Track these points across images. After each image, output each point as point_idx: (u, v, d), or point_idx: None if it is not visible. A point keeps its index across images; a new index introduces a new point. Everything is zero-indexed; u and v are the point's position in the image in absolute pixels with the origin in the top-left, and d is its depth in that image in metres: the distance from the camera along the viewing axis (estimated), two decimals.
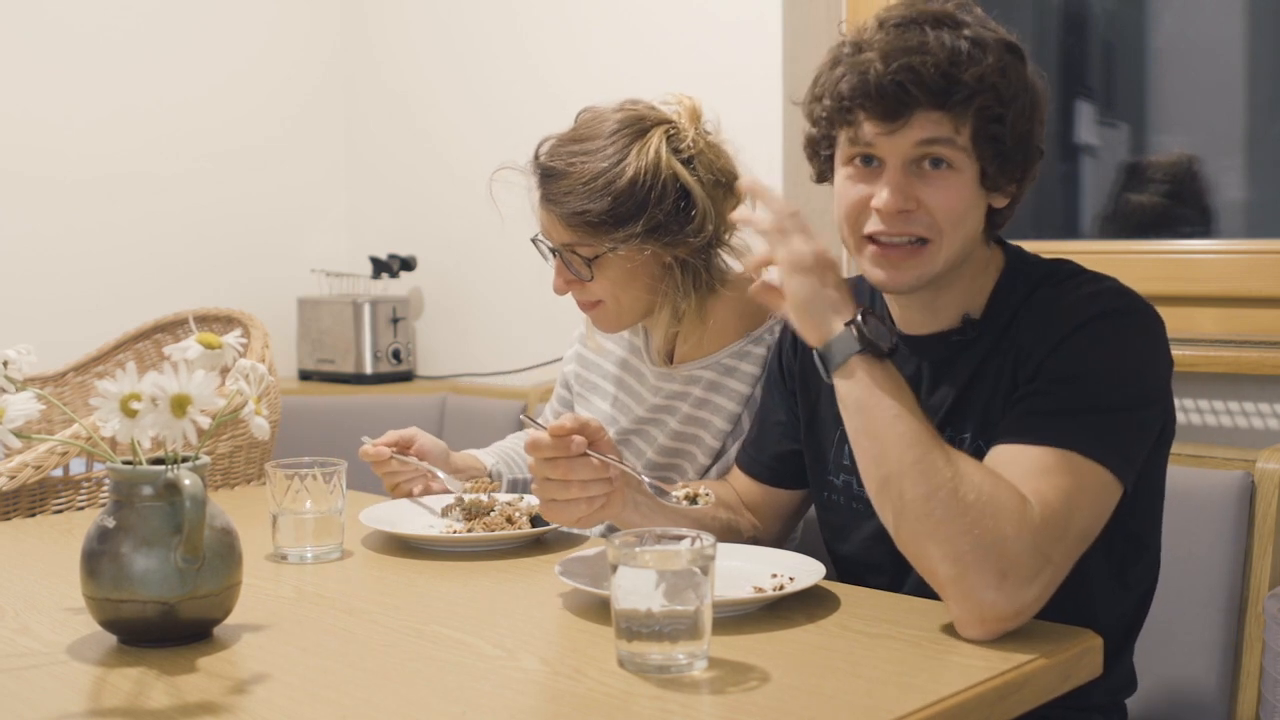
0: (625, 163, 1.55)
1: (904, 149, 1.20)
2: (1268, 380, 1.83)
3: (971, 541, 1.07)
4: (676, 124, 1.60)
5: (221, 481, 1.91)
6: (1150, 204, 2.14)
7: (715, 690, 0.97)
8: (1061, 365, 1.18)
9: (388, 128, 3.06)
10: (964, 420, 1.28)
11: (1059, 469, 1.12)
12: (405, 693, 0.98)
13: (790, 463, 1.49)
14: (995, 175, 1.23)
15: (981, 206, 1.26)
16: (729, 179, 1.61)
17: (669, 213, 1.55)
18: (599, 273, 1.59)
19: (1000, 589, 1.06)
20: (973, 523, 1.07)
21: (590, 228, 1.56)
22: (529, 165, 1.63)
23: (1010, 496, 1.09)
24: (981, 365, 1.28)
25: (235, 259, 2.95)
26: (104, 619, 1.09)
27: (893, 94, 1.17)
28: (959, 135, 1.19)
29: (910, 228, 1.22)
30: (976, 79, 1.17)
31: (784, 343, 1.52)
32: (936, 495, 1.09)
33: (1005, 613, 1.07)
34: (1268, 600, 1.51)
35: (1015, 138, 1.21)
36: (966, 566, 1.07)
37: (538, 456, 1.27)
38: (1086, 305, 1.21)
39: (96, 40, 2.73)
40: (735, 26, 2.33)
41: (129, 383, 1.03)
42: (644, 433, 1.69)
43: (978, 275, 1.30)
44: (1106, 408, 1.16)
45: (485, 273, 2.85)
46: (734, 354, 1.62)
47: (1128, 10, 2.28)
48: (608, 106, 1.64)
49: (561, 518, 1.30)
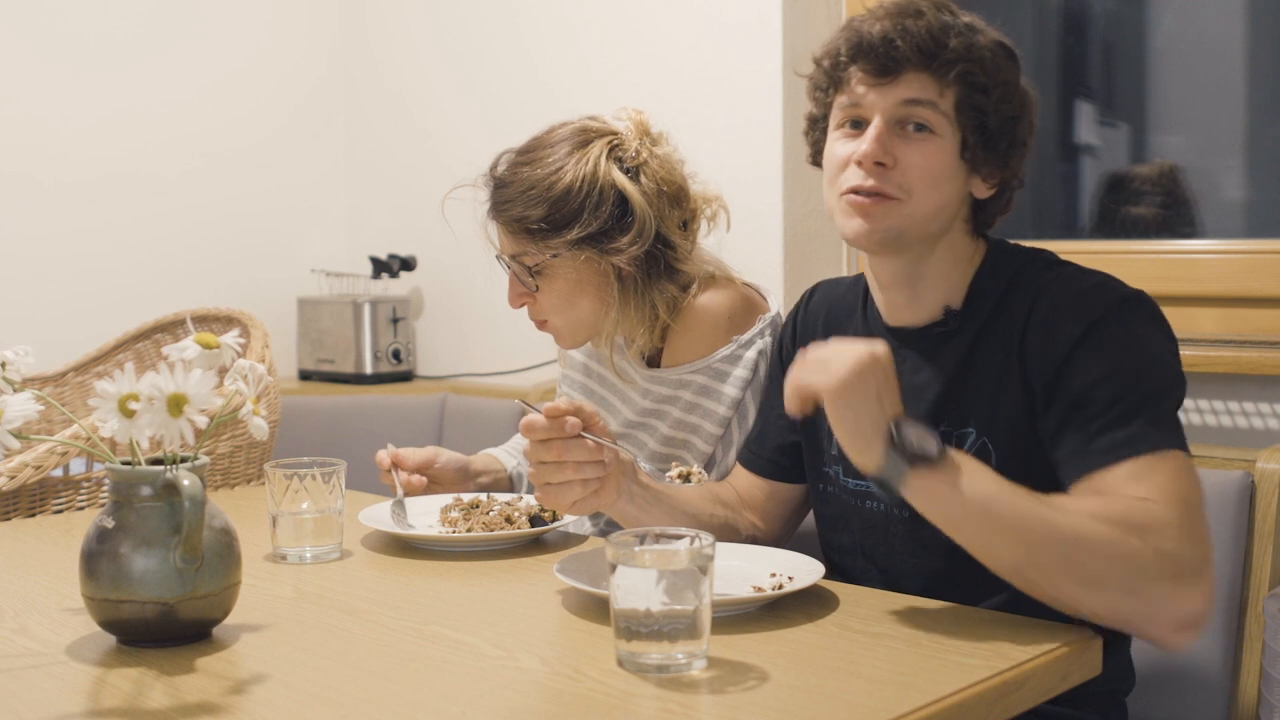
0: (563, 170, 1.59)
1: (890, 106, 1.26)
2: (1268, 380, 1.83)
3: (1129, 571, 1.06)
4: (621, 135, 1.64)
5: (221, 481, 1.91)
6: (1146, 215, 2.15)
7: (714, 690, 0.97)
8: (1092, 368, 1.19)
9: (387, 127, 3.06)
10: (960, 415, 1.29)
11: (1145, 474, 1.13)
12: (405, 693, 0.98)
13: (792, 455, 1.51)
14: (976, 148, 1.26)
15: (960, 182, 1.28)
16: (674, 190, 1.64)
17: (605, 220, 1.58)
18: (543, 283, 1.62)
19: (1181, 593, 1.07)
20: (1118, 555, 1.06)
21: (529, 235, 1.60)
22: (482, 178, 1.68)
23: (1130, 510, 1.09)
24: (969, 356, 1.29)
25: (235, 259, 2.95)
26: (103, 619, 1.09)
27: (883, 50, 1.24)
28: (942, 100, 1.25)
29: (883, 183, 1.25)
30: (964, 46, 1.25)
31: (784, 336, 1.54)
32: (1072, 556, 1.07)
33: (1198, 608, 1.07)
34: (1268, 600, 1.51)
35: (999, 119, 1.26)
36: (1140, 595, 1.07)
37: (533, 438, 1.27)
38: (1094, 300, 1.22)
39: (96, 40, 2.73)
40: (735, 27, 2.33)
41: (127, 383, 1.03)
42: (633, 437, 1.69)
43: (959, 264, 1.32)
44: (1153, 403, 1.17)
45: (485, 273, 2.84)
46: (725, 358, 1.62)
47: (1128, 10, 2.28)
48: (564, 122, 1.68)
49: (556, 502, 1.30)
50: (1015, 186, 1.33)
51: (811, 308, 1.53)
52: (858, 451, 1.11)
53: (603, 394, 1.76)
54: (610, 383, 1.74)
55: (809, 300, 1.55)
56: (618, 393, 1.73)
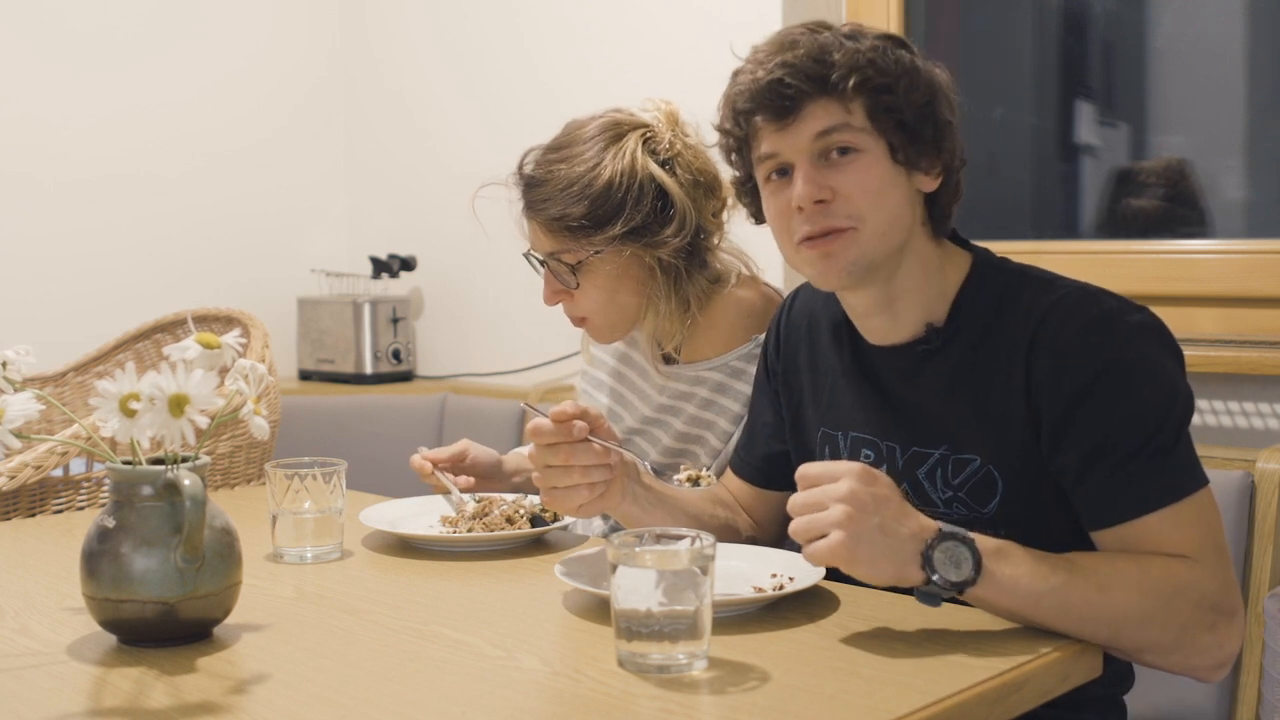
0: (601, 166, 1.58)
1: (804, 145, 1.23)
2: (1268, 380, 1.83)
3: (1174, 633, 1.11)
4: (653, 128, 1.63)
5: (221, 481, 1.91)
6: (1150, 208, 2.15)
7: (715, 690, 0.97)
8: (1115, 408, 1.17)
9: (388, 127, 3.06)
10: (956, 438, 1.25)
11: (1177, 523, 1.14)
12: (405, 693, 0.98)
13: (779, 463, 1.48)
14: (905, 148, 1.24)
15: (904, 187, 1.26)
16: (709, 179, 1.63)
17: (647, 214, 1.57)
18: (584, 279, 1.60)
19: (1219, 638, 1.12)
20: (1166, 624, 1.11)
21: (570, 233, 1.58)
22: (511, 177, 1.65)
23: (1170, 573, 1.12)
24: (959, 376, 1.26)
25: (235, 259, 2.95)
26: (104, 619, 1.09)
27: (775, 92, 1.22)
28: (852, 117, 1.22)
29: (830, 220, 1.23)
30: (849, 57, 1.21)
31: (768, 344, 1.52)
32: (1121, 632, 1.10)
33: (1235, 647, 1.14)
34: (1268, 600, 1.51)
35: (914, 110, 1.23)
36: (1183, 649, 1.12)
37: (539, 443, 1.27)
38: (1107, 330, 1.19)
39: (96, 40, 2.73)
40: (735, 27, 2.32)
41: (128, 383, 1.03)
42: (648, 433, 1.69)
43: (933, 276, 1.29)
44: (1175, 438, 1.17)
45: (485, 273, 2.85)
46: (743, 356, 1.62)
47: (1128, 10, 2.28)
48: (589, 116, 1.66)
49: (563, 505, 1.30)
50: (959, 167, 1.29)
51: (793, 318, 1.49)
52: (897, 582, 1.08)
53: (628, 391, 1.75)
54: (633, 381, 1.74)
55: (790, 308, 1.51)
56: (638, 390, 1.73)
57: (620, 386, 1.76)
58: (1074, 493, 1.20)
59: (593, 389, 1.82)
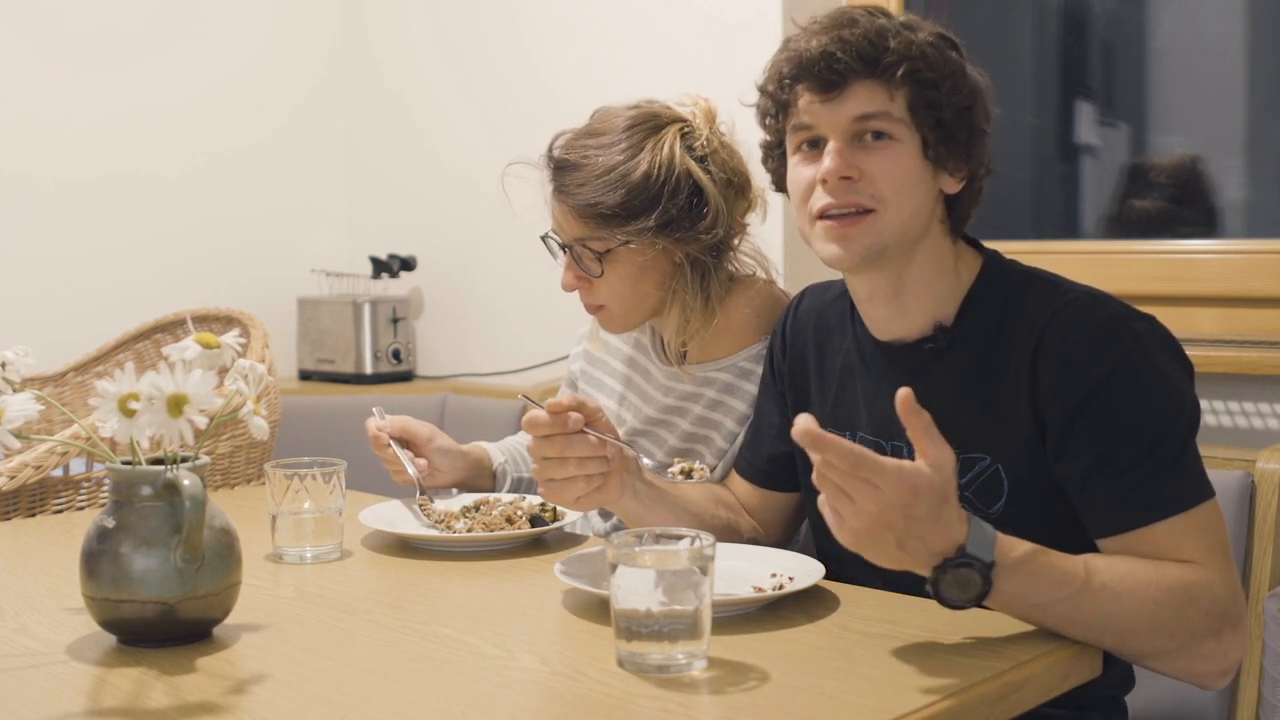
0: (640, 157, 1.56)
1: (843, 123, 1.24)
2: (1268, 380, 1.83)
3: (1182, 639, 1.11)
4: (691, 123, 1.62)
5: (221, 481, 1.91)
6: (1154, 208, 2.14)
7: (715, 690, 0.97)
8: (1121, 415, 1.17)
9: (388, 127, 3.06)
10: (966, 439, 1.24)
11: (1186, 531, 1.14)
12: (405, 693, 0.98)
13: (784, 465, 1.49)
14: (937, 146, 1.25)
15: (929, 182, 1.26)
16: (742, 180, 1.62)
17: (682, 209, 1.56)
18: (609, 268, 1.59)
19: (1225, 646, 1.13)
20: (1176, 631, 1.11)
21: (602, 220, 1.57)
22: (542, 159, 1.63)
23: (1181, 580, 1.12)
24: (968, 377, 1.27)
25: (235, 259, 2.95)
26: (103, 619, 1.09)
27: (825, 63, 1.22)
28: (894, 105, 1.23)
29: (854, 196, 1.24)
30: (904, 46, 1.23)
31: (774, 345, 1.52)
32: (1129, 639, 1.11)
33: (1239, 655, 1.15)
34: (1268, 600, 1.51)
35: (953, 112, 1.24)
36: (1190, 655, 1.12)
37: (535, 434, 1.27)
38: (1112, 335, 1.19)
39: (96, 40, 2.73)
40: (735, 26, 2.33)
41: (127, 383, 1.03)
42: (653, 434, 1.68)
43: (945, 275, 1.30)
44: (1182, 445, 1.17)
45: (485, 273, 2.85)
46: (751, 357, 1.62)
47: (1128, 10, 2.28)
48: (622, 105, 1.65)
49: (559, 497, 1.30)
50: (983, 175, 1.30)
51: (799, 317, 1.50)
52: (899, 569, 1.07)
53: (632, 393, 1.75)
54: (638, 383, 1.74)
55: (796, 309, 1.51)
56: (642, 391, 1.73)
57: (624, 388, 1.76)
58: (1079, 499, 1.20)
59: (593, 389, 1.81)
